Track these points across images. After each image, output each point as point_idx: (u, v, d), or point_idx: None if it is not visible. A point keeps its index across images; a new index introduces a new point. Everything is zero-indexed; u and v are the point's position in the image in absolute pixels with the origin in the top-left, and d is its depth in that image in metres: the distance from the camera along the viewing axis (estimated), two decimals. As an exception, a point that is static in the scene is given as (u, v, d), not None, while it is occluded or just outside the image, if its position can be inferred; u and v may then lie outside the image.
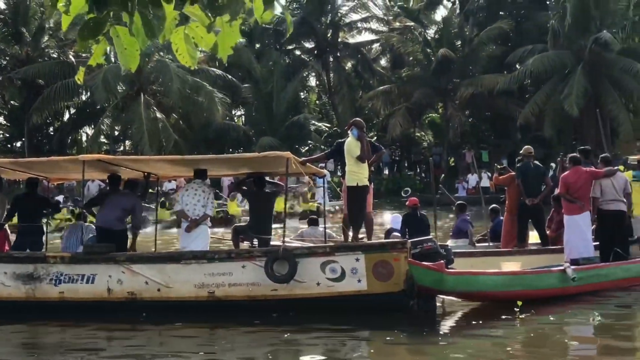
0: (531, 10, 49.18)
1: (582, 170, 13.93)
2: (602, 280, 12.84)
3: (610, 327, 10.36)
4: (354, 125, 12.42)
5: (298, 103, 51.72)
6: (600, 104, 41.19)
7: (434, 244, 11.95)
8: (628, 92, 42.15)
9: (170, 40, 4.37)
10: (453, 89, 46.33)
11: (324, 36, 51.75)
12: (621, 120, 41.61)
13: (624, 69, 41.69)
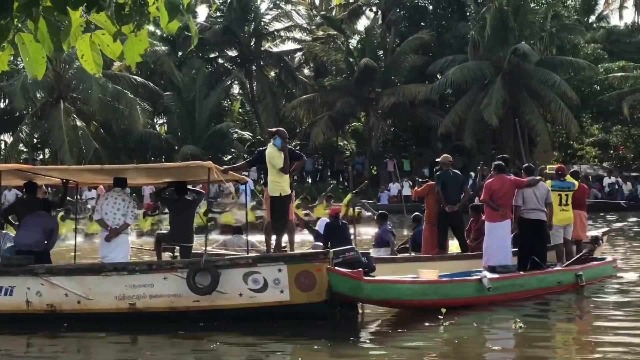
0: (452, 21, 49.90)
1: (506, 178, 14.16)
2: (518, 290, 13.15)
3: (531, 333, 10.51)
4: (277, 135, 12.40)
5: (221, 111, 51.51)
6: (518, 114, 42.09)
7: (356, 253, 11.99)
8: (546, 103, 43.02)
9: (76, 47, 4.29)
10: (375, 98, 46.66)
11: (247, 45, 51.65)
12: (539, 130, 42.49)
13: (542, 80, 42.62)
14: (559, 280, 13.88)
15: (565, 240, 15.11)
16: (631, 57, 52.05)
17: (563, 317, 12.26)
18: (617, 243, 22.95)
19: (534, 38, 44.73)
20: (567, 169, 16.98)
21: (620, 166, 47.54)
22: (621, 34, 61.95)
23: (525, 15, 44.16)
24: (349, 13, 54.79)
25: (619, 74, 46.51)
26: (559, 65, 44.38)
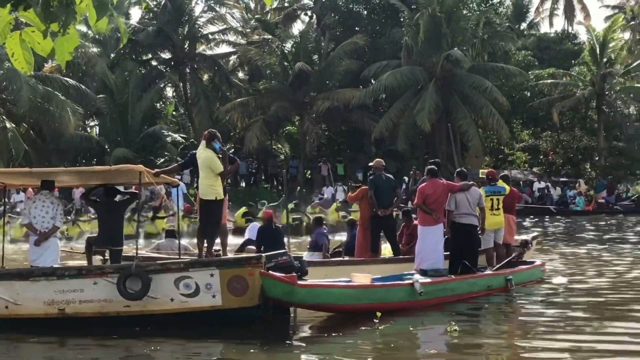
0: (386, 27, 50.20)
1: (439, 182, 14.28)
2: (449, 294, 13.31)
3: (465, 337, 10.61)
4: (216, 139, 12.34)
5: (154, 114, 50.96)
6: (451, 119, 42.52)
7: (289, 257, 11.98)
8: (477, 108, 43.58)
9: (6, 45, 4.21)
10: (310, 102, 46.70)
11: (181, 47, 51.21)
12: (471, 135, 43.03)
13: (474, 86, 43.18)
14: (489, 284, 14.08)
15: (496, 244, 15.32)
16: (561, 64, 53.20)
17: (495, 320, 12.39)
18: (546, 247, 23.35)
19: (467, 44, 45.32)
20: (498, 174, 17.21)
21: (550, 171, 48.39)
22: (551, 42, 63.15)
23: (458, 21, 44.69)
24: (284, 17, 54.79)
25: (549, 80, 47.47)
26: (490, 71, 45.04)
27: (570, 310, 12.47)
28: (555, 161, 48.78)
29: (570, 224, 32.94)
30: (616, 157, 46.02)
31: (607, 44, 46.95)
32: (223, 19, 52.93)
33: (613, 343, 9.93)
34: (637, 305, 12.82)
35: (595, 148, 46.84)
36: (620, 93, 47.56)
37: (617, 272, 17.18)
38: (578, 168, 47.82)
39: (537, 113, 49.22)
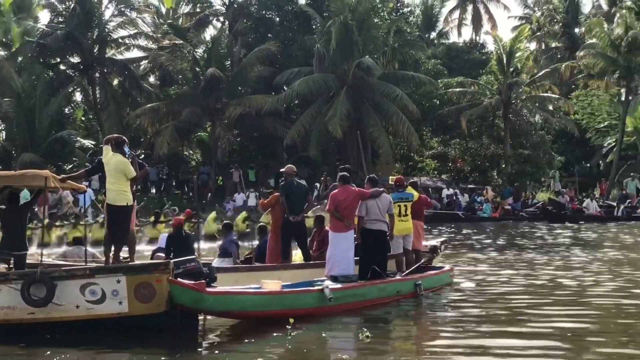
0: (298, 34, 50.36)
1: (351, 189, 14.36)
2: (359, 300, 13.40)
3: (377, 342, 10.68)
4: (126, 144, 12.21)
5: (62, 119, 49.92)
6: (362, 126, 42.89)
7: (197, 263, 11.89)
8: (388, 116, 44.03)
9: None
10: (222, 108, 46.47)
11: (90, 51, 50.32)
12: (381, 142, 43.45)
13: (385, 93, 43.63)
14: (398, 289, 14.23)
15: (405, 250, 15.51)
16: (469, 73, 54.21)
17: (404, 325, 12.54)
18: (455, 252, 23.73)
19: (378, 52, 45.79)
20: (406, 180, 17.46)
21: (458, 178, 49.17)
22: (460, 51, 64.39)
23: (369, 29, 45.10)
24: (196, 22, 54.43)
25: (458, 89, 48.28)
26: (401, 79, 45.57)
27: (478, 315, 12.70)
28: (463, 168, 49.57)
29: (478, 229, 33.52)
30: (522, 164, 47.04)
31: (514, 53, 48.00)
32: (134, 23, 52.23)
33: (519, 349, 10.11)
34: (544, 309, 13.10)
35: (502, 155, 47.79)
36: (526, 102, 48.67)
37: (523, 277, 17.54)
38: (485, 175, 48.70)
39: (446, 121, 50.02)
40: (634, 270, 18.93)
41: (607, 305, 13.54)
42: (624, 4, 57.85)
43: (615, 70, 48.86)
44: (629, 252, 23.68)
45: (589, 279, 16.92)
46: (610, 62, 48.02)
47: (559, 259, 21.64)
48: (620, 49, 47.30)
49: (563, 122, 49.58)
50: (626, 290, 15.17)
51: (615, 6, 60.49)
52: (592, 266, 19.71)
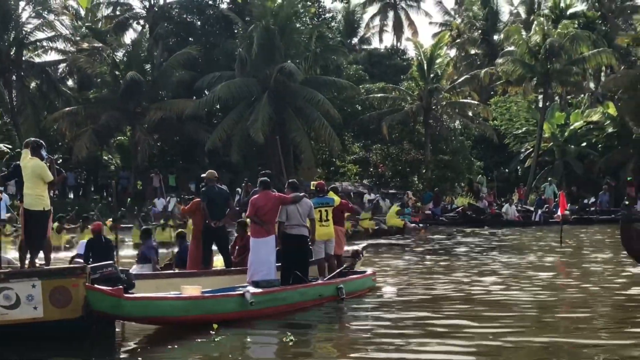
0: (220, 38, 50.13)
1: (271, 194, 14.36)
2: (280, 304, 13.35)
3: (301, 346, 10.72)
4: (43, 147, 11.94)
5: (-24, 123, 48.84)
6: (284, 131, 42.89)
7: (115, 268, 11.69)
8: (310, 121, 44.06)
9: None
10: (142, 113, 45.94)
11: (6, 54, 49.17)
12: (303, 147, 43.48)
13: (307, 98, 43.67)
14: (320, 293, 14.23)
15: (327, 255, 15.52)
16: (390, 78, 54.69)
17: (328, 329, 12.54)
18: (376, 257, 23.84)
19: (300, 57, 45.81)
20: (327, 185, 17.48)
21: (380, 183, 49.49)
22: (381, 57, 65.00)
23: (291, 34, 45.13)
24: (115, 25, 53.68)
25: (379, 94, 48.63)
26: (323, 84, 45.67)
27: (399, 318, 12.79)
28: (384, 173, 49.90)
29: (400, 234, 33.73)
30: (442, 169, 47.54)
31: (434, 60, 48.52)
32: (52, 25, 51.13)
33: (439, 352, 10.20)
34: (463, 313, 13.26)
35: (422, 161, 48.22)
36: (446, 108, 49.25)
37: (443, 282, 17.69)
38: (406, 180, 49.10)
39: (368, 126, 50.31)
40: (550, 274, 19.30)
41: (526, 310, 13.76)
42: (542, 11, 59.18)
43: (533, 77, 49.85)
44: (545, 255, 24.17)
45: (506, 284, 17.17)
46: (528, 69, 48.95)
47: (478, 264, 21.91)
48: (538, 56, 48.26)
49: (482, 127, 50.30)
50: (543, 295, 15.46)
51: (533, 14, 61.69)
52: (509, 270, 20.01)
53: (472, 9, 66.80)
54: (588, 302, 14.60)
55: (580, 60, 48.62)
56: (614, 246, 25.62)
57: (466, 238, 31.64)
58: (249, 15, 46.50)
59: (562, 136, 51.14)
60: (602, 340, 10.91)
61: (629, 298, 15.09)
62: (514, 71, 49.61)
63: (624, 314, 13.48)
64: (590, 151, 51.35)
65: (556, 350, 10.23)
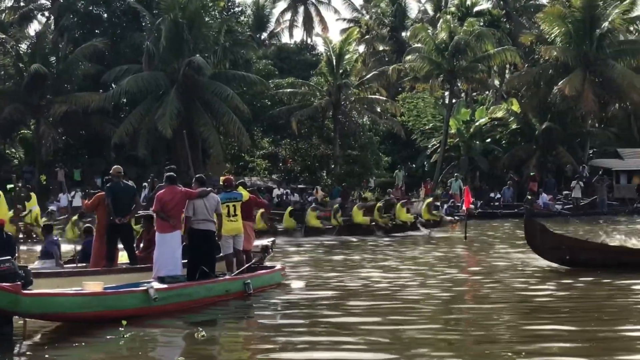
0: (127, 31, 49.41)
1: (177, 189, 14.21)
2: (186, 300, 13.27)
3: (213, 340, 10.74)
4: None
5: None
6: (192, 125, 42.56)
7: (12, 264, 11.36)
8: (219, 115, 43.82)
9: None
10: (46, 106, 45.01)
11: None
12: (212, 142, 43.19)
13: (216, 93, 43.43)
14: (227, 288, 14.16)
15: (236, 250, 15.46)
16: (300, 74, 54.74)
17: (237, 324, 12.56)
18: (286, 251, 23.89)
19: (209, 51, 45.50)
20: (236, 180, 17.44)
21: (289, 178, 49.59)
22: (291, 52, 65.03)
23: (200, 28, 44.76)
24: (19, 17, 52.49)
25: (288, 89, 48.63)
26: (232, 79, 45.49)
27: (307, 314, 12.81)
28: (293, 168, 49.99)
29: (309, 228, 33.80)
30: (350, 164, 47.84)
31: (343, 56, 48.71)
32: (-49, 16, 49.83)
33: (346, 349, 10.26)
34: (370, 308, 13.42)
35: (331, 156, 48.46)
36: (355, 103, 49.54)
37: (352, 276, 17.80)
38: (315, 175, 49.29)
39: (277, 121, 50.26)
40: (454, 269, 19.65)
41: (429, 306, 14.00)
42: (448, 9, 60.17)
43: (439, 73, 50.68)
44: (450, 250, 24.60)
45: (412, 279, 17.35)
46: (435, 66, 49.74)
47: (385, 259, 22.15)
48: (444, 53, 49.06)
49: (390, 123, 50.85)
50: (447, 290, 15.73)
51: (440, 11, 62.66)
52: (415, 266, 20.25)
53: (380, 6, 67.46)
54: (491, 297, 14.91)
55: (485, 58, 49.71)
56: (515, 239, 26.24)
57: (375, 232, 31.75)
58: (156, 8, 45.91)
59: (467, 132, 52.14)
60: (503, 335, 11.16)
61: (531, 292, 15.45)
62: (421, 68, 50.38)
63: (526, 307, 13.83)
64: (494, 147, 52.53)
65: (460, 346, 10.41)
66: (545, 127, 49.78)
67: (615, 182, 49.40)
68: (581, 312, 13.13)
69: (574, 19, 49.16)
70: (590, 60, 49.08)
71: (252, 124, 48.74)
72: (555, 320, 12.11)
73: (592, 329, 11.23)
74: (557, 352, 9.77)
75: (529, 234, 19.17)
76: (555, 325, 11.54)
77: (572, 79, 47.40)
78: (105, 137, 45.90)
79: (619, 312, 13.01)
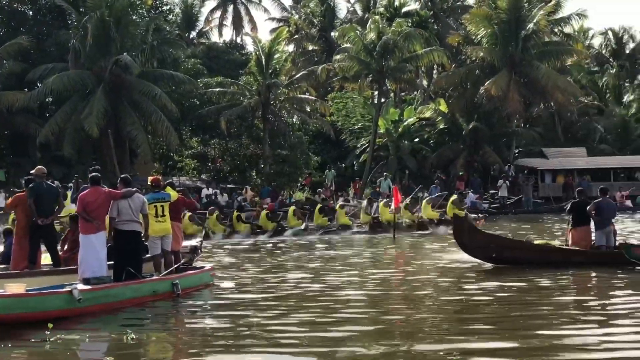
0: (52, 29, 48.58)
1: (101, 190, 14.06)
2: (111, 301, 13.18)
3: (142, 342, 10.64)
4: None
5: None
6: (120, 125, 42.08)
7: None
8: (147, 115, 43.37)
9: None
10: (-31, 105, 44.04)
11: None
12: (140, 141, 42.71)
13: (143, 92, 42.98)
14: (154, 289, 14.08)
15: (164, 251, 15.34)
16: (229, 73, 54.50)
17: (166, 325, 12.48)
18: (215, 252, 23.81)
19: (136, 50, 45.01)
20: (164, 181, 17.31)
21: (218, 178, 49.32)
22: (220, 51, 64.69)
23: (128, 26, 44.22)
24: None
25: (217, 89, 48.35)
26: (160, 78, 45.06)
27: (236, 314, 12.81)
28: (223, 168, 49.74)
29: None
30: (280, 164, 47.77)
31: (273, 55, 48.63)
32: None
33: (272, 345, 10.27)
34: (297, 308, 13.48)
35: (260, 156, 48.36)
36: (285, 103, 49.52)
37: (283, 279, 17.79)
38: (245, 175, 49.16)
39: (206, 120, 49.97)
40: (384, 270, 19.80)
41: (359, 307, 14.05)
42: (377, 9, 60.61)
43: (368, 73, 50.94)
44: (379, 250, 24.78)
45: (341, 281, 17.35)
46: (364, 65, 50.00)
47: (314, 259, 22.24)
48: (373, 53, 49.35)
49: (319, 123, 50.95)
50: (377, 291, 15.87)
51: (368, 12, 63.06)
52: (344, 267, 20.26)
53: (309, 6, 67.58)
54: (419, 296, 15.06)
55: (413, 58, 50.16)
56: (445, 238, 26.56)
57: (302, 232, 31.81)
58: (83, 6, 45.16)
59: (396, 132, 52.60)
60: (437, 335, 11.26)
61: (459, 290, 15.67)
62: (350, 68, 50.60)
63: (456, 305, 14.01)
64: (422, 147, 53.14)
65: (390, 344, 10.49)
66: (472, 127, 50.58)
67: (540, 181, 50.46)
68: (508, 308, 13.36)
69: (500, 21, 50.07)
70: (515, 61, 50.03)
71: (180, 123, 48.39)
72: (484, 318, 12.31)
73: (518, 327, 11.45)
74: (488, 350, 9.92)
75: (457, 233, 19.46)
76: (484, 324, 11.74)
77: (498, 79, 48.27)
78: (30, 137, 45.05)
79: (543, 309, 13.25)
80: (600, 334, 10.71)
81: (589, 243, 19.16)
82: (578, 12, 55.44)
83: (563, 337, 10.64)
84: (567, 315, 12.57)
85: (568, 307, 13.56)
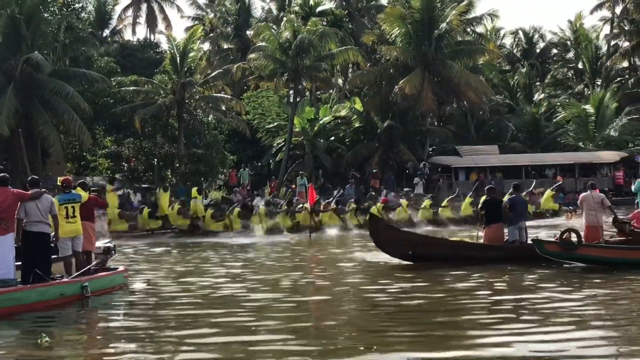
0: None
1: (9, 191, 13.84)
2: (17, 304, 13.01)
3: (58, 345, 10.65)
4: None
5: None
6: (31, 124, 41.30)
7: None
8: (59, 114, 42.62)
9: None
10: None
11: None
12: (52, 141, 41.96)
13: (55, 91, 42.22)
14: (62, 292, 13.92)
15: (75, 252, 15.17)
16: (143, 72, 53.93)
17: (79, 328, 12.39)
18: (131, 253, 23.64)
19: (48, 48, 44.21)
20: (75, 181, 17.11)
21: (132, 178, 48.76)
22: (134, 49, 64.01)
23: (39, 24, 43.42)
24: None
25: (131, 87, 47.76)
26: (72, 76, 44.30)
27: (149, 315, 12.84)
28: (137, 168, 49.20)
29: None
30: (196, 163, 47.49)
31: (187, 53, 48.25)
32: None
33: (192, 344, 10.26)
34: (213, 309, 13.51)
35: (176, 155, 47.98)
36: (200, 102, 49.21)
37: (195, 278, 17.79)
38: (160, 174, 48.73)
39: (120, 120, 49.27)
40: (299, 271, 19.92)
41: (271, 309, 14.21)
42: (292, 8, 60.75)
43: (284, 72, 51.08)
44: (295, 249, 24.88)
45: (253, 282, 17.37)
46: (280, 64, 50.10)
47: (228, 260, 22.26)
48: (288, 52, 49.47)
49: (235, 122, 50.78)
50: (292, 289, 15.97)
51: (284, 11, 63.16)
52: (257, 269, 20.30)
53: (224, 4, 67.37)
54: (335, 295, 15.20)
55: (328, 57, 50.49)
56: (361, 237, 26.82)
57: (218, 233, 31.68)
58: (-9, 3, 44.21)
59: (312, 130, 52.79)
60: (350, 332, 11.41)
61: (375, 287, 15.89)
62: (265, 66, 50.66)
63: (373, 303, 14.22)
64: (338, 145, 53.45)
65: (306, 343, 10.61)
66: (387, 126, 51.14)
67: (454, 179, 51.28)
68: (425, 304, 13.62)
69: (414, 20, 50.74)
70: (429, 60, 50.77)
71: (94, 122, 47.65)
72: (400, 314, 12.56)
73: (434, 322, 11.71)
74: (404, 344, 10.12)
75: (373, 231, 19.70)
76: (400, 319, 11.97)
77: (412, 78, 48.89)
78: None
79: (458, 303, 13.55)
80: (516, 332, 10.90)
81: (502, 239, 19.65)
82: (490, 12, 56.82)
83: (478, 337, 10.82)
84: (487, 312, 12.88)
85: (485, 304, 13.83)
